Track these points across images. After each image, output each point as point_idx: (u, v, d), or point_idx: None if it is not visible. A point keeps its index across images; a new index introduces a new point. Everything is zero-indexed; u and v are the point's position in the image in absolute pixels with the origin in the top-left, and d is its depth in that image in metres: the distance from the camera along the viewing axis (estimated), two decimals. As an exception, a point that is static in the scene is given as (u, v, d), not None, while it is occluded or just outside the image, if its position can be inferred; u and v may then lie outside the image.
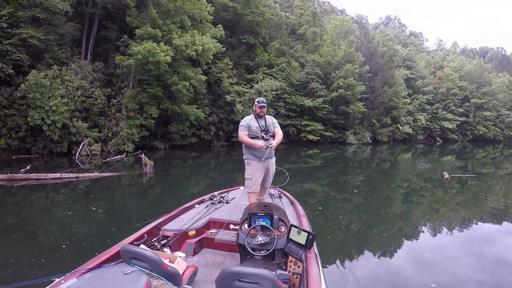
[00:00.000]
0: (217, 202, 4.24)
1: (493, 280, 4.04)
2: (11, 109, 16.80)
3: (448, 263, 4.57)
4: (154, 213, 6.43)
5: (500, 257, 4.77)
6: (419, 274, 4.20)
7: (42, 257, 4.33)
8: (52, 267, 4.04)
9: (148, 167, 11.42)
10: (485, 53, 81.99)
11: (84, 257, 4.28)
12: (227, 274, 1.85)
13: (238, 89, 26.31)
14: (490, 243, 5.37)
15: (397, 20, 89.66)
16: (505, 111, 50.75)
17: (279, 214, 2.89)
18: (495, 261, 4.62)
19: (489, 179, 12.73)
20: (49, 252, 4.56)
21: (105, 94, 19.85)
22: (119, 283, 1.83)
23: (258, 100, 3.96)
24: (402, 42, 60.35)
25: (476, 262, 4.60)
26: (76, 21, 19.67)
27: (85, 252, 4.54)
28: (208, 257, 3.17)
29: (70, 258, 4.35)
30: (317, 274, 2.18)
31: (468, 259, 4.72)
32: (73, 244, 4.91)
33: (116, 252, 2.32)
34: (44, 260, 4.26)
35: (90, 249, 4.72)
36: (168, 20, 20.56)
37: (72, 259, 4.28)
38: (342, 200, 8.77)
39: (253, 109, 4.06)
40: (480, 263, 4.57)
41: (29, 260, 4.23)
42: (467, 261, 4.65)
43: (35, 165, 14.11)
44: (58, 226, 5.91)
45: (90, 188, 9.33)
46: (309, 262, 2.37)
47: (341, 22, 36.65)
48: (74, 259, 4.25)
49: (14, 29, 16.53)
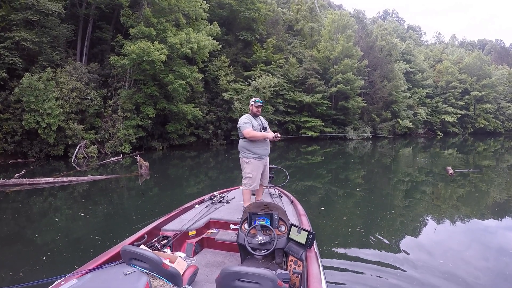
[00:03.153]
0: (217, 202, 4.25)
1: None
2: (6, 113, 16.59)
3: (458, 266, 4.27)
4: (145, 216, 6.24)
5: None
6: (422, 275, 4.03)
7: (36, 262, 4.22)
8: (49, 270, 3.95)
9: (144, 168, 11.21)
10: (484, 45, 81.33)
11: (77, 260, 4.14)
12: (228, 274, 1.86)
13: (235, 86, 26.06)
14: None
15: (395, 14, 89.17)
16: (505, 103, 50.43)
17: (279, 213, 2.90)
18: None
19: (494, 173, 12.46)
20: (45, 255, 4.44)
21: (101, 95, 19.62)
22: (120, 284, 1.84)
23: (254, 100, 4.16)
24: (400, 36, 59.91)
25: (495, 267, 4.27)
26: (70, 22, 19.40)
27: (78, 255, 4.41)
28: (209, 257, 3.19)
29: (65, 262, 4.25)
30: (317, 273, 2.18)
31: (484, 264, 4.31)
32: (65, 247, 4.75)
33: (117, 253, 2.33)
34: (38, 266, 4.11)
35: (79, 253, 4.54)
36: (162, 18, 20.30)
37: (67, 262, 4.19)
38: (343, 198, 8.58)
39: (249, 108, 4.23)
40: (499, 267, 4.25)
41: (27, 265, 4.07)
42: (482, 266, 4.25)
43: (31, 169, 13.95)
44: (51, 230, 5.73)
45: (85, 191, 9.14)
46: (309, 261, 2.38)
47: (339, 16, 36.32)
48: (69, 262, 4.15)
49: (7, 33, 16.31)
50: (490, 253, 4.63)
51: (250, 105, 4.20)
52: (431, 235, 5.46)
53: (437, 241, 5.19)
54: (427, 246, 4.95)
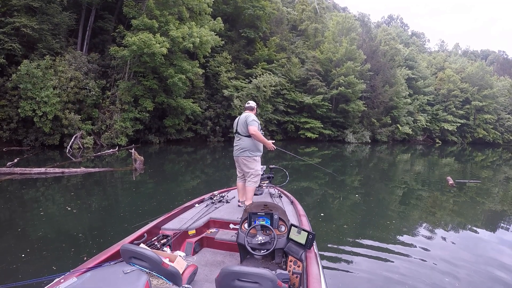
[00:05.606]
0: (217, 201, 4.24)
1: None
2: (3, 100, 16.41)
3: (455, 270, 4.20)
4: (133, 214, 6.11)
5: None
6: (421, 279, 3.95)
7: (14, 260, 4.05)
8: (25, 271, 3.77)
9: (138, 162, 11.04)
10: (487, 56, 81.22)
11: (55, 261, 4.00)
12: (227, 274, 1.85)
13: (236, 83, 25.90)
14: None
15: (399, 19, 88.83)
16: (505, 114, 50.37)
17: (279, 213, 2.90)
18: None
19: (493, 184, 12.32)
20: (24, 253, 4.25)
21: (100, 86, 19.43)
22: (119, 282, 1.83)
23: (255, 105, 4.40)
24: (404, 42, 59.74)
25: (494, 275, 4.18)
26: (72, 10, 19.20)
27: (57, 254, 4.25)
28: (208, 257, 3.19)
29: (43, 261, 4.07)
30: (317, 274, 2.18)
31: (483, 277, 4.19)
32: (46, 245, 4.59)
33: (116, 252, 2.33)
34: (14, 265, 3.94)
35: (59, 252, 4.39)
36: (165, 11, 20.10)
37: (46, 262, 4.03)
38: (341, 200, 8.46)
39: (252, 112, 4.26)
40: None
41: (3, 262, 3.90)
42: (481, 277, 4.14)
43: (25, 157, 13.76)
44: (35, 225, 5.56)
45: (76, 184, 8.98)
46: (309, 261, 2.38)
47: (343, 19, 36.18)
48: (48, 262, 4.00)
49: (7, 18, 16.11)
50: (497, 269, 4.46)
51: (255, 107, 4.34)
52: (431, 244, 5.30)
53: (437, 249, 5.04)
54: (428, 253, 4.83)
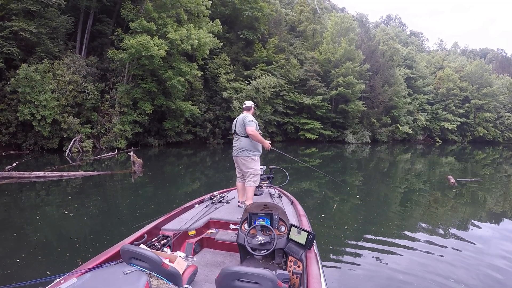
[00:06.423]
0: (217, 202, 4.25)
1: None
2: (2, 104, 16.40)
3: (457, 271, 4.13)
4: (131, 217, 6.06)
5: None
6: (421, 276, 3.92)
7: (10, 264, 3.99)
8: (19, 276, 3.72)
9: (137, 165, 11.00)
10: (485, 54, 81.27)
11: (51, 266, 3.96)
12: (227, 274, 1.85)
13: (235, 85, 25.88)
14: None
15: (398, 19, 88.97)
16: (505, 112, 50.34)
17: (279, 213, 2.90)
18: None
19: (495, 183, 12.23)
20: (20, 258, 4.20)
21: (99, 89, 19.41)
22: (119, 283, 1.82)
23: (252, 104, 4.42)
24: (402, 41, 59.77)
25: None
26: (70, 14, 19.21)
27: (53, 259, 4.20)
28: (208, 257, 3.19)
29: (39, 266, 4.02)
30: (317, 274, 2.18)
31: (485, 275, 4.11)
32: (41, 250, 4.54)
33: (116, 252, 2.33)
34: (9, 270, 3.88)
35: (54, 257, 4.34)
36: (163, 13, 20.11)
37: (41, 267, 3.97)
38: (342, 200, 8.41)
39: (249, 112, 4.28)
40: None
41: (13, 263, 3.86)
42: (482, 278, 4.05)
43: (24, 161, 13.72)
44: (31, 229, 5.51)
45: (74, 187, 8.94)
46: (309, 262, 2.38)
47: (342, 19, 36.21)
48: (43, 267, 3.94)
49: (6, 22, 16.10)
50: (501, 269, 4.37)
51: (253, 108, 4.35)
52: (432, 244, 5.19)
53: (438, 249, 4.95)
54: (429, 254, 4.75)
